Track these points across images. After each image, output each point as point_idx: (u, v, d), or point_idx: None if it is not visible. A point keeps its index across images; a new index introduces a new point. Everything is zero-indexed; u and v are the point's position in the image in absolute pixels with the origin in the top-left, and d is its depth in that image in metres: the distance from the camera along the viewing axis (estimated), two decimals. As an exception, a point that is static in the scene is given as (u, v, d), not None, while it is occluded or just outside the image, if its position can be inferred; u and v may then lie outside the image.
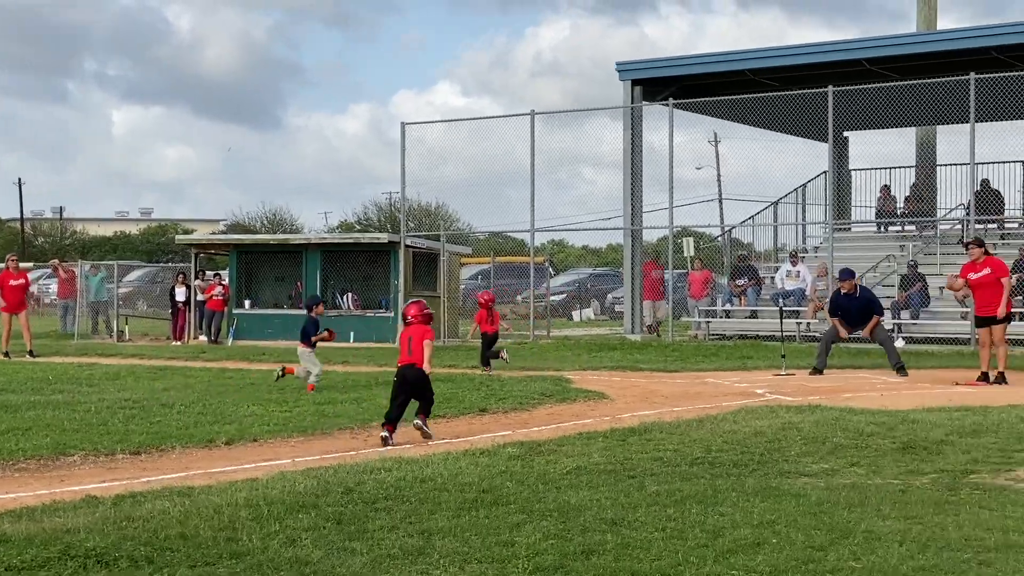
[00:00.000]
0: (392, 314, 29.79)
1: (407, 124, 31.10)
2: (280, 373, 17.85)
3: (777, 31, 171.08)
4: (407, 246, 30.18)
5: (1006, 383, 17.56)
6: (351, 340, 29.64)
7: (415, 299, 14.20)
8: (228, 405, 15.16)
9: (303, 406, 15.07)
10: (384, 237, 31.45)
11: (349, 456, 11.06)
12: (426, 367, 12.67)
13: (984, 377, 17.88)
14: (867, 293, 20.62)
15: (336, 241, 33.66)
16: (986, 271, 18.09)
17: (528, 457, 10.67)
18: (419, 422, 12.60)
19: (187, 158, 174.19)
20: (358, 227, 71.37)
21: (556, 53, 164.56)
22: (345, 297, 31.05)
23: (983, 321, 18.20)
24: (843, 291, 20.19)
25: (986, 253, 18.36)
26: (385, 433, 12.29)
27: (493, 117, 35.41)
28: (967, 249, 18.77)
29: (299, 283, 31.53)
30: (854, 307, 20.03)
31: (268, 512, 8.22)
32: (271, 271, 32.70)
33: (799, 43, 32.11)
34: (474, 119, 34.72)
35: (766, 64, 29.37)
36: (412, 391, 12.74)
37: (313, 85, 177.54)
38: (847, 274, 20.41)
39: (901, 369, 19.33)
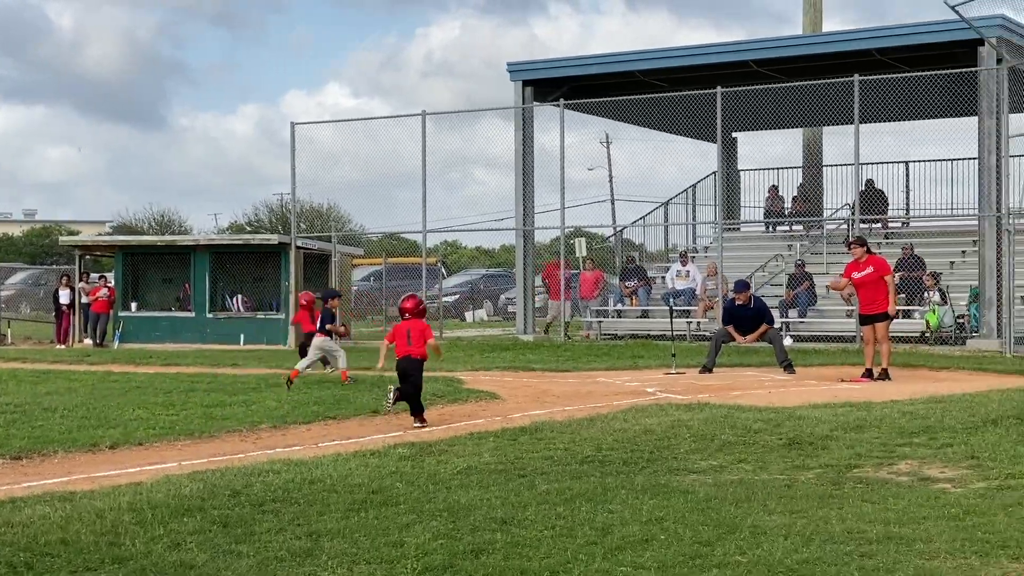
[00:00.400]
0: (283, 316, 29.51)
1: (297, 124, 30.87)
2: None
3: (665, 32, 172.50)
4: (298, 247, 29.92)
5: (889, 379, 17.88)
6: (241, 342, 29.33)
7: (411, 293, 15.11)
8: (113, 409, 14.90)
9: (190, 409, 14.86)
10: (274, 238, 31.14)
11: (237, 459, 10.92)
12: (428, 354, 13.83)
13: (868, 374, 18.19)
14: (760, 304, 20.85)
15: (225, 242, 33.23)
16: (869, 270, 18.39)
17: (419, 457, 10.64)
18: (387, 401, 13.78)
19: (71, 159, 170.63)
20: (249, 228, 70.64)
21: (446, 53, 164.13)
22: (235, 299, 30.70)
23: (867, 319, 18.51)
24: (737, 302, 20.40)
25: (868, 252, 18.68)
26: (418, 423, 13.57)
27: (384, 117, 35.31)
28: (849, 248, 19.07)
29: (187, 285, 31.11)
30: (747, 316, 20.27)
31: (152, 516, 8.09)
32: (158, 273, 32.20)
33: (688, 44, 32.43)
34: (365, 119, 34.53)
35: (655, 65, 29.58)
36: (408, 377, 13.63)
37: (199, 85, 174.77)
38: (742, 286, 20.63)
39: (789, 367, 19.57)
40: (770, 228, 33.74)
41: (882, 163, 32.05)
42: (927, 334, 25.48)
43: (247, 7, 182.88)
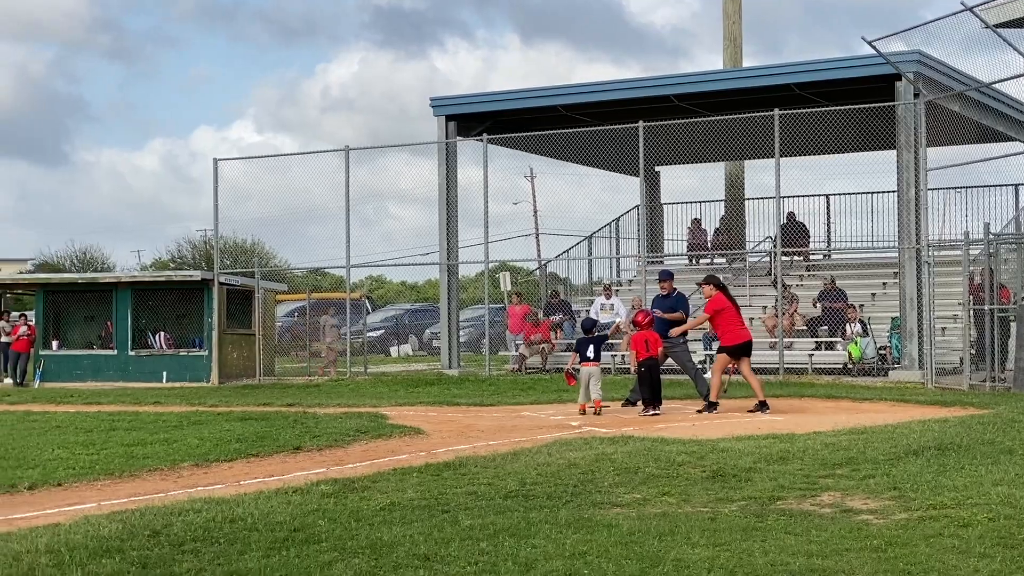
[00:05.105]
0: (206, 352, 29.25)
1: (219, 160, 30.69)
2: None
3: (565, 66, 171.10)
4: (221, 283, 29.70)
5: (768, 410, 18.01)
6: (164, 380, 29.02)
7: (642, 309, 20.44)
8: (32, 449, 14.66)
9: (111, 448, 14.65)
10: (197, 275, 30.90)
11: (157, 498, 10.76)
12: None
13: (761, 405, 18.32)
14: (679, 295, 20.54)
15: (147, 279, 32.89)
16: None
17: (341, 494, 10.54)
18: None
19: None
20: (172, 265, 70.06)
21: (346, 89, 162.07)
22: (158, 336, 30.38)
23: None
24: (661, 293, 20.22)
25: (718, 287, 18.83)
26: (652, 411, 18.04)
27: (306, 153, 35.22)
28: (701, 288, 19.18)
29: (109, 323, 30.76)
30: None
31: (70, 558, 7.94)
32: (80, 311, 31.83)
33: (610, 79, 32.72)
34: (286, 155, 34.32)
35: (578, 100, 29.78)
36: (653, 375, 18.14)
37: (99, 120, 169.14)
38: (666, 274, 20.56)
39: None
40: (693, 261, 33.99)
41: (803, 196, 32.44)
42: (850, 365, 25.76)
43: (140, 43, 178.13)
